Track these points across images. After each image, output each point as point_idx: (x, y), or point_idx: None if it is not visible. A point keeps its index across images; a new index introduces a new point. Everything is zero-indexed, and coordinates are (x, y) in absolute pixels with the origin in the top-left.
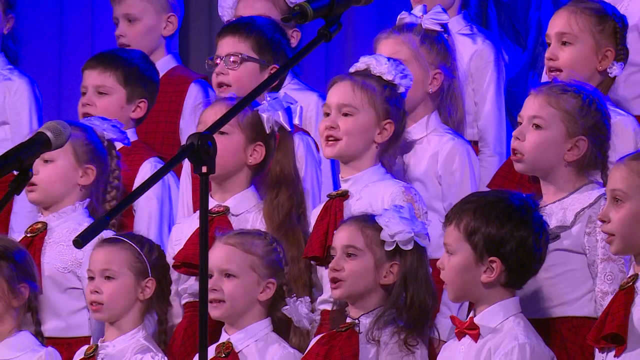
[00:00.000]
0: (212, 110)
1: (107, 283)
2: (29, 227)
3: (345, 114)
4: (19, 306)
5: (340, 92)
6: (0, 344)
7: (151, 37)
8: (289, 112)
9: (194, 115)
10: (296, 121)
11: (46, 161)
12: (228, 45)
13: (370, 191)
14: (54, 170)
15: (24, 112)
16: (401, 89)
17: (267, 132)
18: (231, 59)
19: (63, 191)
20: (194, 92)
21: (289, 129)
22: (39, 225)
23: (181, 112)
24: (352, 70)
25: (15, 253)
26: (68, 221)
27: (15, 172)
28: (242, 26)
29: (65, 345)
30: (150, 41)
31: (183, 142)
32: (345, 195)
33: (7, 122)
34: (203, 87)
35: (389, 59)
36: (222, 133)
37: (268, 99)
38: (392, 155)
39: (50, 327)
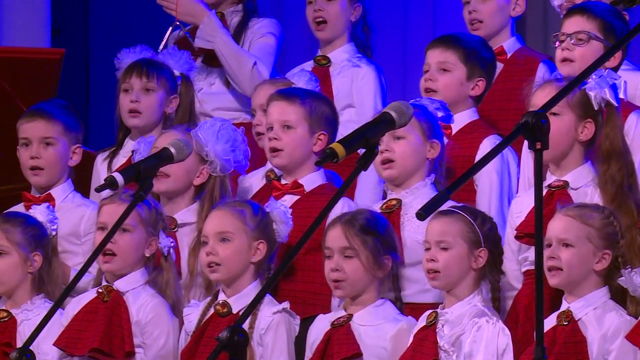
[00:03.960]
0: (542, 92)
1: (442, 253)
2: (384, 203)
3: None
4: (383, 277)
5: None
6: (363, 311)
7: (501, 15)
8: (614, 88)
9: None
10: (621, 95)
11: (398, 138)
12: (577, 23)
13: None
14: (407, 145)
15: (369, 97)
16: None
17: (595, 108)
18: (579, 36)
19: (415, 166)
20: (542, 71)
21: (616, 104)
22: (394, 202)
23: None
24: None
25: (380, 226)
26: (420, 197)
27: (360, 150)
28: (589, 8)
29: (418, 309)
30: (501, 19)
31: None
32: None
33: (353, 105)
34: (550, 67)
35: None
36: (554, 114)
37: (594, 77)
38: None
39: (408, 293)
